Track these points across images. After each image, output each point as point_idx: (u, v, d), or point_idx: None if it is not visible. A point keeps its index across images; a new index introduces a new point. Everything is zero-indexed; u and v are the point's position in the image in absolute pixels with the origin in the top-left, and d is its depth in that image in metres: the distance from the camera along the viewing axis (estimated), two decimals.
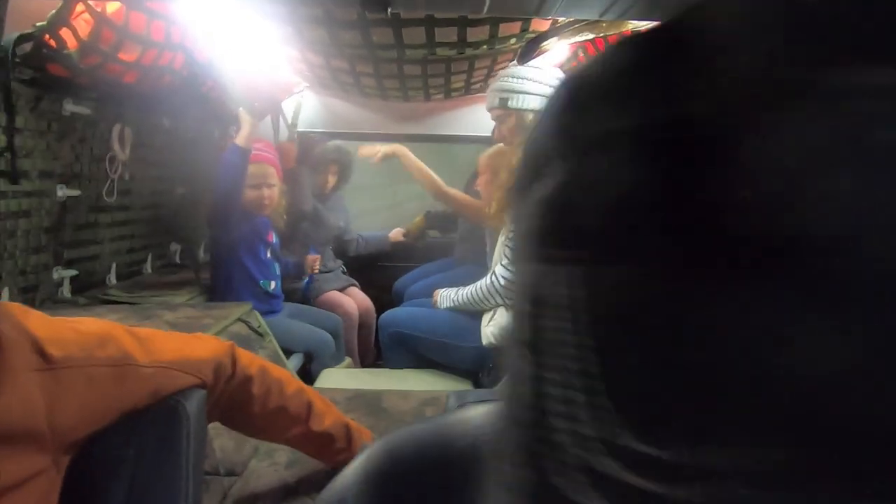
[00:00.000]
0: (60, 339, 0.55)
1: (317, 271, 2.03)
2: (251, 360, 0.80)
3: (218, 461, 1.01)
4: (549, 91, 1.56)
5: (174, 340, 0.69)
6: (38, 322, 0.55)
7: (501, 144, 1.60)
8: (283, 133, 2.35)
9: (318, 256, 2.03)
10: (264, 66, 1.86)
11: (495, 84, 1.56)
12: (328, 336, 1.78)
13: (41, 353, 0.53)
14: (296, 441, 0.88)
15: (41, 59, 1.13)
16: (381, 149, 1.89)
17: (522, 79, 1.53)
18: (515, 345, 0.17)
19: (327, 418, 0.89)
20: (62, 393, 0.53)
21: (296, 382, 0.88)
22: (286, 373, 0.87)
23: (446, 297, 1.62)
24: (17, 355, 0.51)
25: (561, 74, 1.58)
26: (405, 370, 1.67)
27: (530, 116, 1.54)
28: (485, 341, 1.48)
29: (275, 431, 0.86)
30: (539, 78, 1.56)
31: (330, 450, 0.91)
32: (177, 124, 1.95)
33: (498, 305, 1.51)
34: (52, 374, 0.53)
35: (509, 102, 1.52)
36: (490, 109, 1.58)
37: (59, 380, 0.53)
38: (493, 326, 1.47)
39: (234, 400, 0.77)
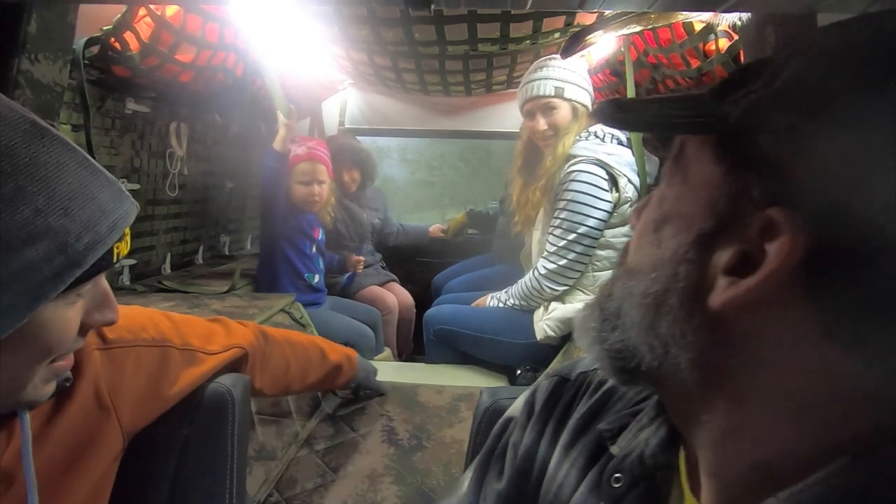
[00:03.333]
0: None
1: (359, 270, 2.07)
2: (272, 330, 0.88)
3: (261, 445, 1.06)
4: (588, 87, 1.53)
5: (203, 326, 0.73)
6: None
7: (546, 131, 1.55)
8: (332, 132, 2.41)
9: (362, 259, 2.06)
10: (308, 65, 1.91)
11: (545, 73, 1.52)
12: (368, 329, 1.82)
13: (99, 332, 0.57)
14: (319, 381, 0.99)
15: (107, 61, 1.20)
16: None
17: (574, 72, 1.52)
18: None
19: (332, 353, 1.00)
20: (116, 371, 0.57)
21: (300, 333, 1.00)
22: (292, 331, 1.00)
23: (494, 299, 1.62)
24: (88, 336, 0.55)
25: (585, 73, 1.56)
26: (442, 365, 1.68)
27: (581, 109, 1.51)
28: (539, 336, 1.47)
29: (307, 380, 0.95)
30: (584, 73, 1.55)
31: (340, 376, 1.04)
32: (227, 121, 2.03)
33: (543, 298, 1.50)
34: (107, 353, 0.57)
35: (565, 93, 1.50)
36: (534, 98, 1.52)
37: (113, 358, 0.58)
38: (550, 320, 1.46)
39: (278, 367, 0.86)
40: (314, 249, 1.85)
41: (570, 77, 1.51)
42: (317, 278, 1.84)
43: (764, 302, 0.26)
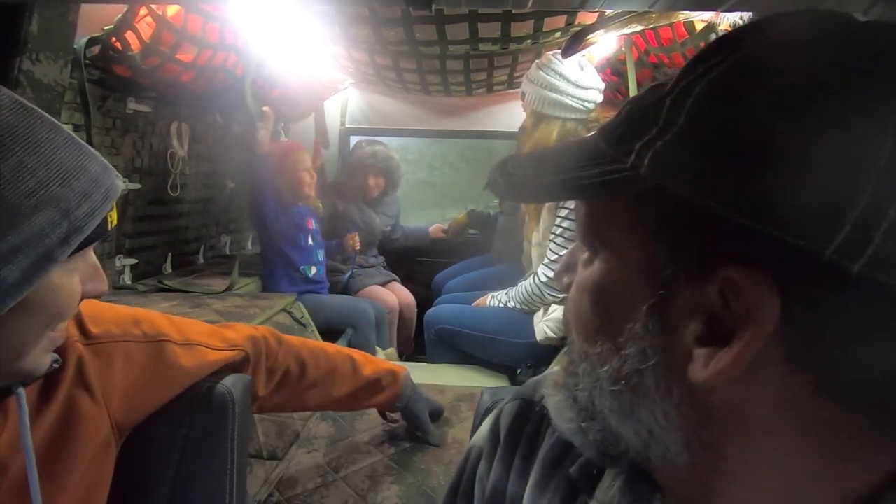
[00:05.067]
0: (99, 317, 0.59)
1: (357, 248, 2.08)
2: (291, 337, 0.88)
3: (261, 445, 1.06)
4: (571, 101, 1.45)
5: (205, 325, 0.73)
6: (83, 302, 0.59)
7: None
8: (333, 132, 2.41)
9: (356, 234, 2.08)
10: (310, 64, 1.92)
11: (529, 71, 1.53)
12: (367, 305, 1.84)
13: (81, 327, 0.57)
14: (350, 395, 0.95)
15: (108, 61, 1.20)
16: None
17: (550, 80, 1.46)
18: None
19: (368, 366, 0.97)
20: (104, 366, 0.57)
21: (330, 345, 0.96)
22: (320, 342, 0.94)
23: (495, 299, 1.63)
24: (69, 329, 0.55)
25: (600, 84, 1.49)
26: (443, 365, 1.68)
27: (541, 118, 1.49)
28: (539, 336, 1.48)
29: (331, 392, 0.92)
30: (568, 83, 1.45)
31: (380, 392, 0.99)
32: (228, 121, 2.03)
33: (545, 303, 1.50)
34: (92, 348, 0.57)
35: (526, 97, 1.51)
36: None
37: (99, 353, 0.57)
38: (550, 321, 1.47)
39: (289, 372, 0.84)
40: (310, 241, 1.87)
41: (539, 82, 1.47)
42: (314, 270, 1.86)
43: (747, 369, 0.23)
